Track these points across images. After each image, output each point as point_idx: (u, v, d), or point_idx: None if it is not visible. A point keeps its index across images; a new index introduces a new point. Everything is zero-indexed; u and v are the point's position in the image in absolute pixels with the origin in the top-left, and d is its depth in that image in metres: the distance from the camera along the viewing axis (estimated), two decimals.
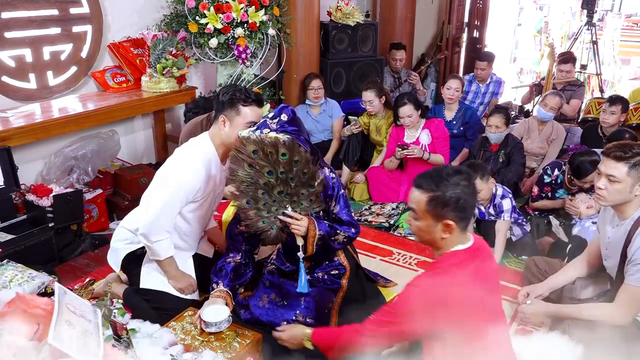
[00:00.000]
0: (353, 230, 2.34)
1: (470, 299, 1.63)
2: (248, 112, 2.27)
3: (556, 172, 3.43)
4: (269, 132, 2.10)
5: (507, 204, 3.18)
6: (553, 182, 3.43)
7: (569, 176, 3.28)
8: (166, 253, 2.28)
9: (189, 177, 2.22)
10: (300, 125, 2.23)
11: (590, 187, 3.17)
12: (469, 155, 4.15)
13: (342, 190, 2.36)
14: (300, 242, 2.21)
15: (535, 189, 3.53)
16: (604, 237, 2.33)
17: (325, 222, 2.29)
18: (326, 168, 2.34)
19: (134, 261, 2.42)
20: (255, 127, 2.19)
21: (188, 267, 2.46)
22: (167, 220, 2.24)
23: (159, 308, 2.31)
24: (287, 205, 2.14)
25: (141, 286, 2.37)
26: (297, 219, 2.14)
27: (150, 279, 2.37)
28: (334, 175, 2.33)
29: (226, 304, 2.21)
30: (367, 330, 1.75)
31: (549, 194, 3.45)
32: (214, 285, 2.30)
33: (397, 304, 1.72)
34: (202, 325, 2.06)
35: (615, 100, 4.11)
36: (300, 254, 2.22)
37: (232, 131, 2.27)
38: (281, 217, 2.14)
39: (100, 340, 1.47)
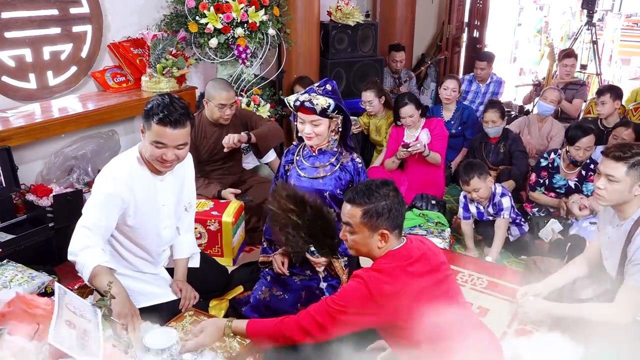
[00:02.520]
0: None
1: (408, 290, 1.70)
2: (157, 131, 2.01)
3: (552, 155, 3.45)
4: (316, 96, 2.29)
5: (506, 202, 3.20)
6: (549, 165, 3.44)
7: (566, 149, 3.34)
8: (93, 260, 1.94)
9: (110, 189, 2.07)
10: (340, 96, 2.40)
11: (586, 164, 3.26)
12: (469, 149, 4.17)
13: (368, 178, 2.47)
14: (321, 275, 2.42)
15: (533, 176, 3.55)
16: (604, 237, 2.33)
17: None
18: (354, 153, 2.49)
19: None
20: (304, 92, 2.35)
21: (162, 280, 2.38)
22: (93, 221, 2.06)
23: (160, 323, 2.23)
24: (310, 246, 2.32)
25: None
26: (317, 262, 2.37)
27: (136, 297, 2.18)
28: (360, 160, 2.47)
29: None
30: (310, 321, 1.76)
31: (546, 181, 3.45)
32: (277, 247, 2.51)
33: (341, 295, 1.77)
34: (150, 354, 1.80)
35: (602, 91, 4.22)
36: (324, 285, 2.44)
37: (145, 143, 2.08)
38: (307, 255, 2.36)
39: (100, 340, 1.47)
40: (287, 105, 2.39)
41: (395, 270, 1.72)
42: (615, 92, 4.17)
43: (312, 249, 2.35)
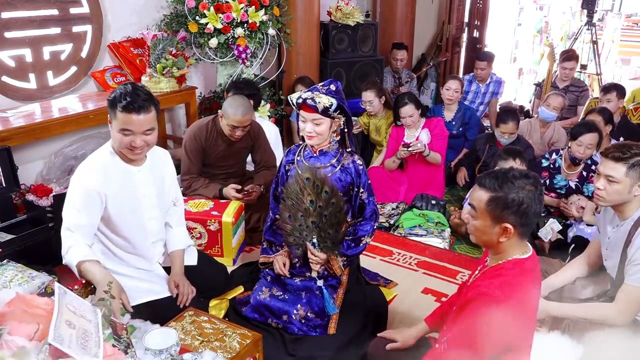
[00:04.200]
0: (374, 224, 2.51)
1: (532, 311, 1.63)
2: (123, 119, 2.05)
3: (554, 156, 3.45)
4: (319, 94, 2.30)
5: None
6: (551, 166, 3.44)
7: (568, 146, 3.36)
8: (75, 258, 2.05)
9: (84, 184, 2.10)
10: (344, 97, 2.41)
11: (587, 165, 3.30)
12: (472, 149, 4.15)
13: (369, 180, 2.50)
14: (314, 274, 2.42)
15: None
16: (604, 237, 2.33)
17: (349, 239, 2.46)
18: (355, 155, 2.49)
19: None
20: (307, 90, 2.36)
21: (157, 276, 2.38)
22: (73, 221, 2.10)
23: (159, 322, 2.17)
24: (314, 236, 2.35)
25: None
26: (315, 255, 2.38)
27: (132, 294, 2.20)
28: (361, 163, 2.48)
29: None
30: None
31: (547, 181, 3.45)
32: (278, 248, 2.54)
33: (470, 318, 1.60)
34: (150, 354, 1.79)
35: (609, 88, 4.24)
36: (320, 282, 2.42)
37: (113, 133, 2.12)
38: (308, 245, 2.37)
39: (100, 340, 1.47)
40: (290, 103, 2.39)
41: (523, 284, 1.60)
42: (620, 90, 4.22)
43: (315, 240, 2.36)
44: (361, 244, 2.46)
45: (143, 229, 2.31)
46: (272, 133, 3.83)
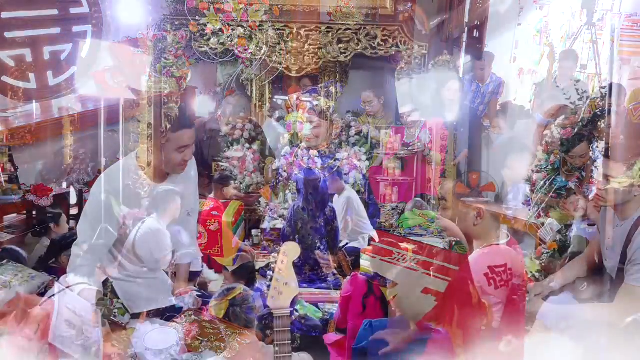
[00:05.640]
0: (375, 223, 2.61)
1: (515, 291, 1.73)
2: (178, 137, 2.23)
3: (552, 157, 3.45)
4: (317, 97, 2.36)
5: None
6: (550, 167, 3.44)
7: (562, 156, 3.33)
8: (78, 286, 1.96)
9: (106, 201, 2.09)
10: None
11: (583, 166, 3.28)
12: (471, 149, 4.15)
13: (369, 181, 2.47)
14: (331, 278, 2.49)
15: (534, 177, 3.55)
16: (604, 237, 2.33)
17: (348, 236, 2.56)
18: (356, 155, 2.60)
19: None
20: (306, 91, 2.39)
21: (161, 282, 2.39)
22: (87, 240, 2.09)
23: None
24: (317, 241, 2.42)
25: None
26: (325, 259, 2.45)
27: (135, 303, 2.26)
28: (359, 164, 2.57)
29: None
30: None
31: (547, 183, 3.46)
32: (276, 247, 2.58)
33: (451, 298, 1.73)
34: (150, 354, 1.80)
35: (620, 92, 4.23)
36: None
37: (166, 154, 2.21)
38: (317, 253, 2.44)
39: (100, 340, 1.48)
40: (289, 103, 2.39)
41: (495, 261, 1.70)
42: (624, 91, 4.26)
43: (319, 244, 2.41)
44: (363, 242, 2.48)
45: (156, 244, 2.30)
46: (286, 139, 3.85)
